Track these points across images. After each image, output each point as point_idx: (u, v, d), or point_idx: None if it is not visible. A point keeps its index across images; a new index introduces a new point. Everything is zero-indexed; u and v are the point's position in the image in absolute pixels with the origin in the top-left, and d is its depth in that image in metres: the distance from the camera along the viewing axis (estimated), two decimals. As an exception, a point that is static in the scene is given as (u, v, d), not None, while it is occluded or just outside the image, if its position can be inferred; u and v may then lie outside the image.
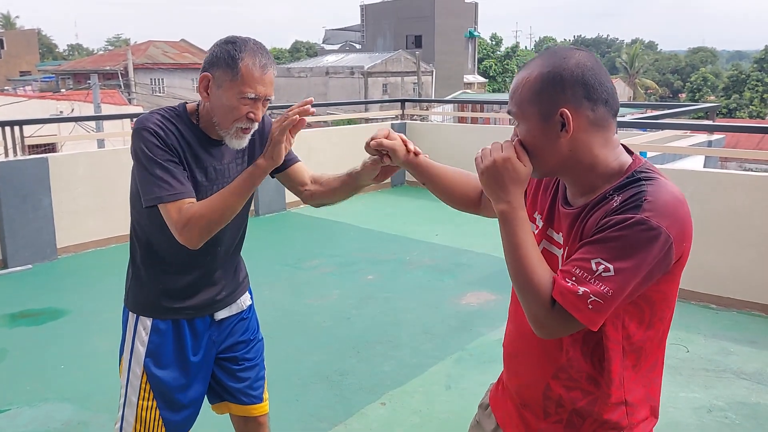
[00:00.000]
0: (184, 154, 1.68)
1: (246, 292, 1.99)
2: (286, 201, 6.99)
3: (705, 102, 28.12)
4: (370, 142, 1.57)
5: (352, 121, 15.87)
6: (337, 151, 7.49)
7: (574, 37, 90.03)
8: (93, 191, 5.57)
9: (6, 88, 33.06)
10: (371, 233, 6.14)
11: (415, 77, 30.70)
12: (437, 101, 13.75)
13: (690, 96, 44.95)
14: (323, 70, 31.80)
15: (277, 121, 1.61)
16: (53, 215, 5.24)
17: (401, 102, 9.04)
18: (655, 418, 1.30)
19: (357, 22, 42.84)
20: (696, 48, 61.87)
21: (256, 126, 1.70)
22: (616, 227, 1.11)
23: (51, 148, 11.99)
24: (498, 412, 1.46)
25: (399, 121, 8.44)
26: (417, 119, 9.20)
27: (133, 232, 1.82)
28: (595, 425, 1.25)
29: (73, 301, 4.47)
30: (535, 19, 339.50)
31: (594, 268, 1.11)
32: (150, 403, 1.80)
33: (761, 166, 17.85)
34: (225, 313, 1.90)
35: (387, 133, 1.56)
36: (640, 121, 6.05)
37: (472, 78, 39.67)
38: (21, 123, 5.53)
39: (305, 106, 1.60)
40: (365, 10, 40.65)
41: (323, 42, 47.06)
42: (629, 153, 1.24)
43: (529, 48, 67.62)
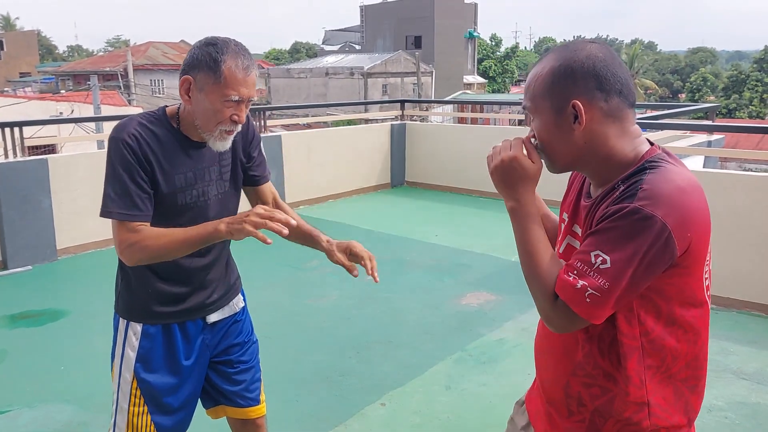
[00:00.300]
0: (160, 160, 1.66)
1: (239, 294, 1.98)
2: (287, 202, 6.97)
3: (705, 102, 28.12)
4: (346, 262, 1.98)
5: (351, 122, 15.88)
6: (336, 152, 7.49)
7: (574, 37, 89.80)
8: (93, 192, 5.54)
9: (6, 89, 33.09)
10: (371, 234, 6.14)
11: (415, 78, 30.72)
12: (437, 102, 13.74)
13: (690, 96, 44.98)
14: (323, 71, 31.78)
15: (260, 215, 1.50)
16: (53, 216, 5.24)
17: (401, 103, 9.03)
18: (690, 429, 1.27)
19: (357, 22, 42.87)
20: (695, 48, 61.87)
21: (240, 128, 1.69)
22: (612, 218, 1.10)
23: (51, 149, 12.02)
24: (530, 409, 1.45)
25: (399, 122, 8.43)
26: (417, 120, 9.19)
27: None
28: (618, 426, 1.22)
29: (73, 302, 4.47)
30: (535, 19, 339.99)
31: (593, 260, 1.11)
32: (141, 408, 1.79)
33: (761, 166, 17.84)
34: (218, 316, 1.88)
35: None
36: (639, 121, 5.98)
37: (472, 78, 39.67)
38: (21, 124, 5.52)
39: (284, 227, 1.49)
40: (365, 10, 40.67)
41: (323, 43, 47.08)
42: (651, 144, 1.22)
43: (528, 48, 67.67)
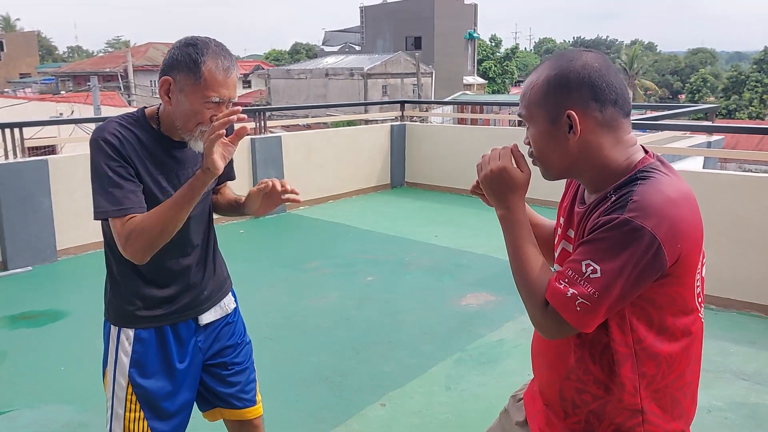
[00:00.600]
0: (144, 162, 1.64)
1: (229, 294, 1.96)
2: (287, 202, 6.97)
3: (704, 103, 28.17)
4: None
5: (351, 123, 15.90)
6: (336, 153, 7.50)
7: (574, 38, 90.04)
8: (93, 193, 5.56)
9: (6, 90, 33.11)
10: (371, 234, 6.14)
11: (415, 79, 30.70)
12: (437, 103, 13.78)
13: (689, 97, 44.97)
14: (323, 72, 31.77)
15: (206, 133, 1.54)
16: (53, 217, 5.24)
17: (401, 103, 9.03)
18: None
19: (356, 23, 42.85)
20: (695, 49, 61.84)
21: None
22: (602, 228, 1.11)
23: (51, 150, 12.02)
24: (529, 408, 1.46)
25: (398, 123, 8.43)
26: (416, 120, 9.20)
27: (106, 245, 1.79)
28: (612, 428, 1.22)
29: (73, 302, 4.47)
30: (535, 20, 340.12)
31: (584, 269, 1.11)
32: (137, 414, 1.77)
33: (761, 166, 17.83)
34: (209, 317, 1.86)
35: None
36: (639, 122, 6.02)
37: (472, 79, 39.66)
38: (21, 125, 5.52)
39: (229, 116, 1.52)
40: (365, 11, 40.66)
41: (323, 43, 47.03)
42: (645, 152, 1.22)
43: (528, 49, 67.74)
